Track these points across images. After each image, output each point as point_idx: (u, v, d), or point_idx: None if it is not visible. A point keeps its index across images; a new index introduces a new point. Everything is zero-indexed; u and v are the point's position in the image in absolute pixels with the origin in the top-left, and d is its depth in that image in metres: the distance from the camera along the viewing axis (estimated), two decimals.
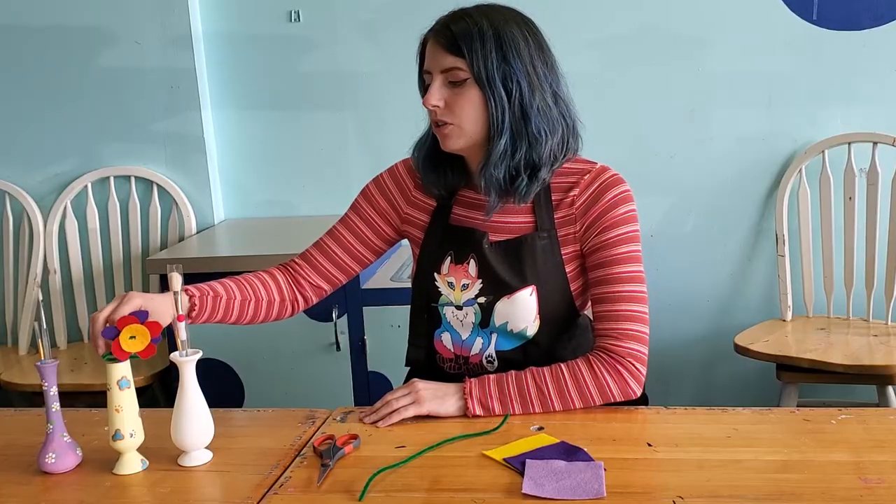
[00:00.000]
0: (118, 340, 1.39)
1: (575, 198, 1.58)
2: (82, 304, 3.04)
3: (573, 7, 2.83)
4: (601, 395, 1.52)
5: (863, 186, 2.71)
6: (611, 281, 1.56)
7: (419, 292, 1.68)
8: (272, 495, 1.32)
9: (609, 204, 1.56)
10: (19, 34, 2.98)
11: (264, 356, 2.62)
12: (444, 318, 1.65)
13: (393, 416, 1.52)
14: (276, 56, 2.99)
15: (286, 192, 3.08)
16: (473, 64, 1.51)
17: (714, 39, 2.81)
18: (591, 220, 1.57)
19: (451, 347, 1.65)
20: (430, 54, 1.55)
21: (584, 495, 1.25)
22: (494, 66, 1.51)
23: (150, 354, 1.40)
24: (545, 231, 1.58)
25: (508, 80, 1.52)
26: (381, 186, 1.75)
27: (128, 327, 1.39)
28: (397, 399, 1.53)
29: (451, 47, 1.52)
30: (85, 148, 3.03)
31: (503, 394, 1.52)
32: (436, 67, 1.54)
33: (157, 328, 1.40)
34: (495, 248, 1.60)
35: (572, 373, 1.53)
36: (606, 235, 1.56)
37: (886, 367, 2.36)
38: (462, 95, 1.53)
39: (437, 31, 1.55)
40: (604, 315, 1.56)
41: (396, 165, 1.76)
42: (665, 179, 2.89)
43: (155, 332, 1.40)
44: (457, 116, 1.54)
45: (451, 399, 1.53)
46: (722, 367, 2.97)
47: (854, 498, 1.22)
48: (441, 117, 1.55)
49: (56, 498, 1.36)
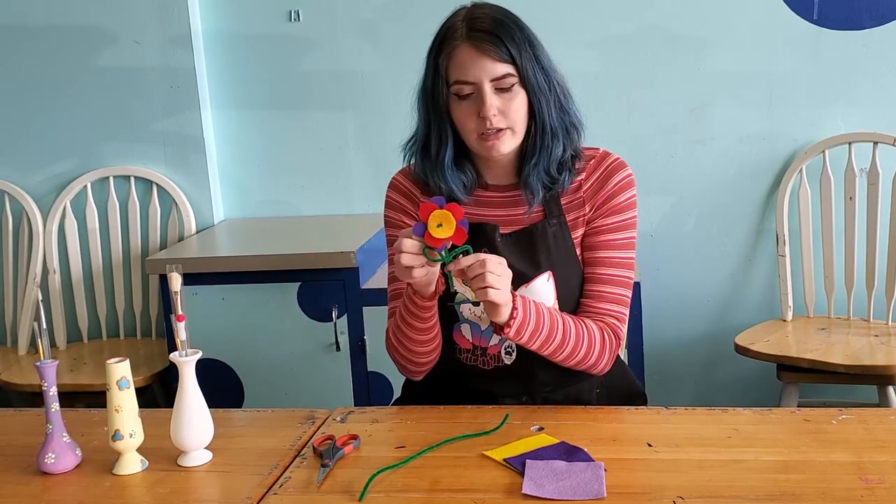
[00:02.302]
0: (428, 232, 1.38)
1: (582, 182, 1.62)
2: (82, 304, 3.04)
3: (573, 7, 2.83)
4: (596, 361, 1.60)
5: (863, 186, 2.71)
6: (604, 264, 1.62)
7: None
8: (272, 495, 1.32)
9: (616, 188, 1.61)
10: (19, 34, 2.98)
11: (264, 356, 2.62)
12: (461, 315, 1.65)
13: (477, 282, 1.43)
14: (276, 56, 2.98)
15: (286, 192, 3.08)
16: (522, 69, 1.52)
17: (714, 39, 2.81)
18: (599, 202, 1.61)
19: (471, 338, 1.65)
20: (471, 63, 1.52)
21: (584, 495, 1.25)
22: (536, 67, 1.54)
23: (462, 239, 1.39)
24: (554, 217, 1.61)
25: (547, 78, 1.55)
26: (393, 206, 1.72)
27: (432, 216, 1.38)
28: (492, 275, 1.42)
29: (499, 54, 1.51)
30: (85, 148, 3.02)
31: (536, 329, 1.52)
32: (484, 76, 1.52)
33: (458, 210, 1.38)
34: (507, 240, 1.61)
35: (591, 338, 1.58)
36: (609, 220, 1.62)
37: (887, 368, 2.36)
38: (512, 100, 1.54)
39: (471, 38, 1.52)
40: (589, 293, 1.62)
41: (395, 178, 1.73)
42: (665, 179, 2.89)
43: (458, 214, 1.38)
44: (510, 121, 1.55)
45: (505, 309, 1.47)
46: (722, 367, 2.97)
47: (854, 498, 1.22)
48: (497, 125, 1.54)
49: (56, 498, 1.36)
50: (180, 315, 1.45)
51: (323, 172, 3.04)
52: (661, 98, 2.85)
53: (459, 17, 1.56)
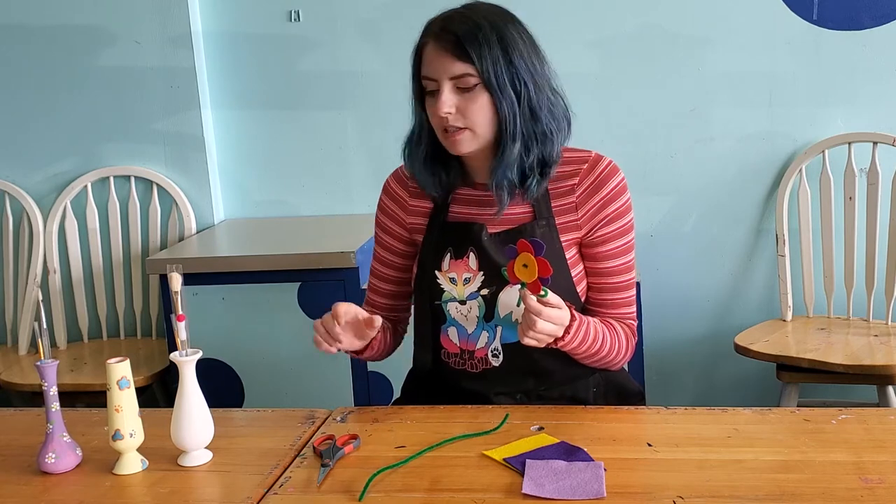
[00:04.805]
0: (514, 263, 1.42)
1: (575, 186, 1.61)
2: (82, 304, 3.04)
3: (573, 7, 2.82)
4: (621, 360, 1.66)
5: (863, 186, 2.71)
6: (612, 273, 1.63)
7: (421, 293, 1.68)
8: (272, 495, 1.32)
9: (611, 195, 1.60)
10: (19, 34, 2.98)
11: (264, 356, 2.62)
12: (448, 314, 1.65)
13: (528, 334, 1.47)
14: (276, 56, 2.98)
15: (286, 192, 3.08)
16: (483, 69, 1.50)
17: (714, 39, 2.81)
18: (593, 209, 1.60)
19: (457, 342, 1.65)
20: (434, 60, 1.54)
21: (584, 495, 1.25)
22: (502, 69, 1.51)
23: (536, 291, 1.42)
24: (544, 219, 1.60)
25: (516, 82, 1.53)
26: (383, 209, 1.76)
27: (523, 254, 1.42)
28: (545, 329, 1.46)
29: (459, 53, 1.51)
30: (85, 148, 3.02)
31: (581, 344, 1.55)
32: (443, 74, 1.53)
33: (546, 268, 1.41)
34: (494, 239, 1.60)
35: (619, 342, 1.63)
36: (609, 228, 1.61)
37: (886, 367, 2.36)
38: (473, 101, 1.53)
39: (437, 36, 1.53)
40: (604, 302, 1.65)
41: (388, 181, 1.76)
42: (665, 179, 2.89)
43: (544, 272, 1.41)
44: (469, 121, 1.54)
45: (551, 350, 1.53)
46: (722, 367, 2.97)
47: (854, 498, 1.22)
48: (453, 123, 1.54)
49: (56, 498, 1.36)
50: (180, 315, 1.45)
51: (323, 172, 3.04)
52: (661, 98, 2.85)
53: (442, 14, 1.57)
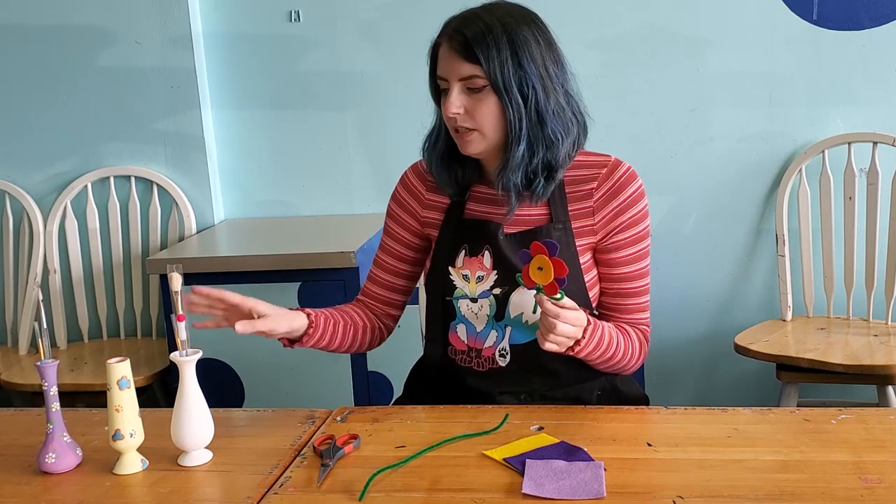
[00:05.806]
0: (528, 267, 1.41)
1: (593, 190, 1.61)
2: (82, 304, 3.04)
3: (573, 7, 2.83)
4: (634, 365, 1.66)
5: (863, 186, 2.71)
6: (628, 279, 1.64)
7: (433, 287, 1.69)
8: (272, 495, 1.32)
9: (629, 201, 1.61)
10: (19, 34, 2.98)
11: (264, 356, 2.62)
12: (458, 311, 1.65)
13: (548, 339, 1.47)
14: (276, 56, 2.98)
15: (286, 192, 3.08)
16: (490, 72, 1.51)
17: (714, 39, 2.81)
18: (611, 215, 1.60)
19: (466, 339, 1.65)
20: (445, 61, 1.55)
21: (584, 495, 1.25)
22: (510, 72, 1.51)
23: (552, 293, 1.41)
24: (560, 222, 1.60)
25: (524, 85, 1.53)
26: (398, 200, 1.76)
27: (538, 257, 1.41)
28: (565, 331, 1.46)
29: (467, 55, 1.51)
30: (85, 148, 3.02)
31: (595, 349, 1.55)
32: (453, 75, 1.54)
33: (562, 268, 1.40)
34: (510, 240, 1.61)
35: (633, 347, 1.63)
36: (626, 234, 1.61)
37: (886, 367, 2.36)
38: (481, 102, 1.53)
39: (449, 37, 1.54)
40: (617, 307, 1.65)
41: (406, 174, 1.77)
42: (665, 179, 2.89)
43: (559, 272, 1.40)
44: (477, 123, 1.55)
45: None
46: (722, 367, 2.97)
47: (854, 498, 1.22)
48: (462, 124, 1.55)
49: (56, 498, 1.36)
50: (181, 315, 1.45)
51: (323, 172, 3.04)
52: (661, 98, 2.85)
53: (459, 13, 1.57)
